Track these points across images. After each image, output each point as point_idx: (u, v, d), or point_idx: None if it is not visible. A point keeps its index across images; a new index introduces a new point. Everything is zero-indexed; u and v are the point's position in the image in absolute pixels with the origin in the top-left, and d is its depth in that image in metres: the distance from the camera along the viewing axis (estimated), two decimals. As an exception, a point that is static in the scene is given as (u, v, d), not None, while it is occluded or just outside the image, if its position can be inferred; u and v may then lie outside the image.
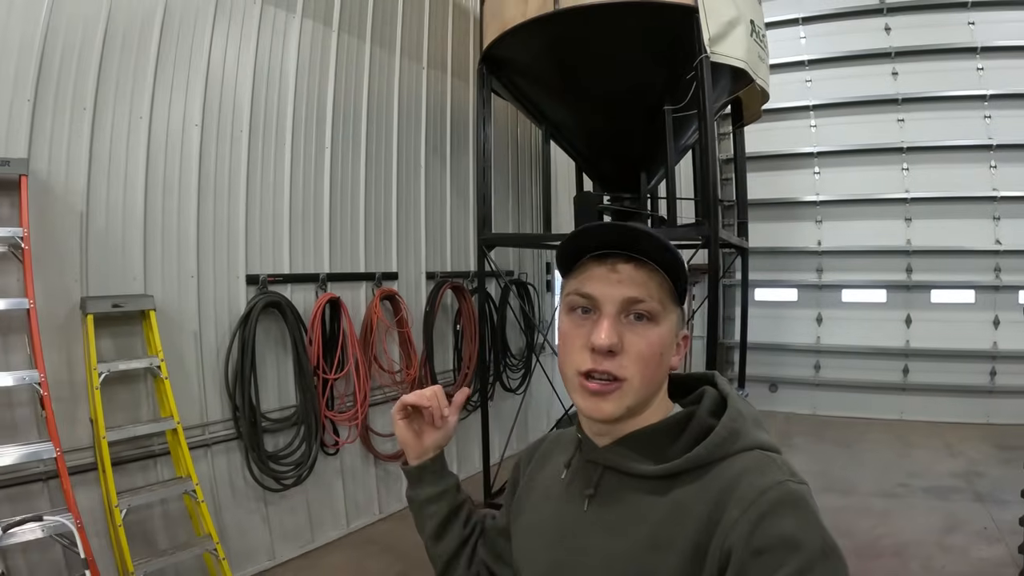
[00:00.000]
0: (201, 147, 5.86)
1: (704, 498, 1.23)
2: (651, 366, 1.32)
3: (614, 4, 6.11)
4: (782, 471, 1.22)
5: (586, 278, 1.37)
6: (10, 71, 4.70)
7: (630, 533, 1.32)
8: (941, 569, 5.86)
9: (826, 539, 1.10)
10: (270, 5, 6.41)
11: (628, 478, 1.38)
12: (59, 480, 4.72)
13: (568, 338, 1.39)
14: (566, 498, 1.52)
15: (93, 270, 5.15)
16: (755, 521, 1.12)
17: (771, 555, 1.07)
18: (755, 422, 1.37)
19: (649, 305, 1.31)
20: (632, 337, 1.31)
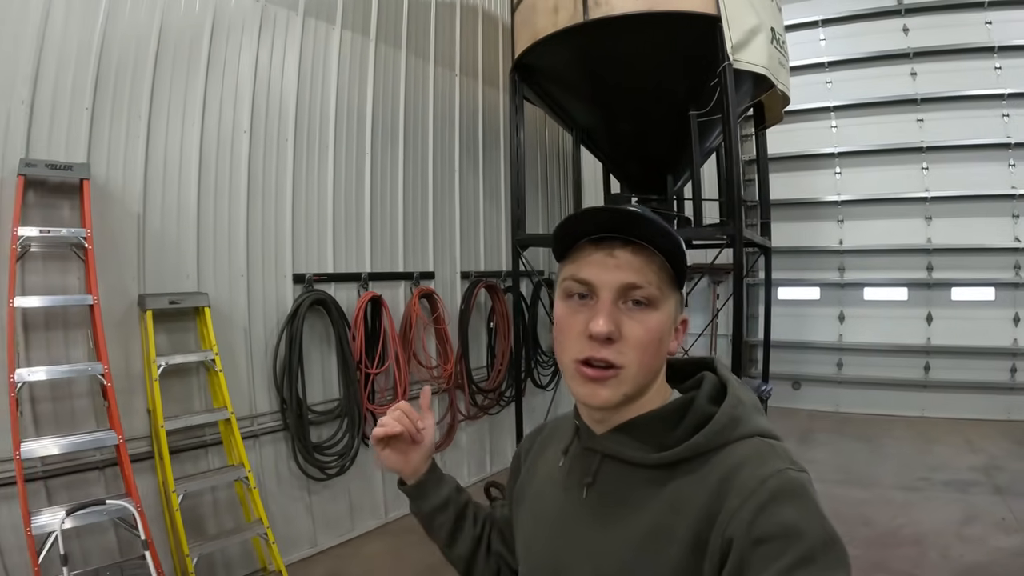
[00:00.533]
0: (250, 152, 6.15)
1: (704, 487, 1.23)
2: (649, 353, 1.31)
3: (641, 15, 6.32)
4: (782, 459, 1.22)
5: (583, 263, 1.35)
6: (68, 81, 4.95)
7: (629, 522, 1.32)
8: (959, 558, 5.95)
9: (827, 528, 1.10)
10: (311, 17, 6.70)
11: (627, 466, 1.37)
12: (114, 468, 5.03)
13: (565, 325, 1.37)
14: (564, 486, 1.51)
15: (149, 269, 5.42)
16: (756, 510, 1.12)
17: (772, 545, 1.07)
18: (755, 408, 1.36)
19: (648, 291, 1.30)
20: (630, 324, 1.30)
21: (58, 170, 4.76)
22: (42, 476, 4.74)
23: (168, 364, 5.22)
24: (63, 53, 4.95)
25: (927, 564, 5.88)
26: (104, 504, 4.56)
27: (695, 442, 1.26)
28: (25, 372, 4.49)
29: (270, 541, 5.43)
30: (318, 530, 6.54)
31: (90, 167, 4.94)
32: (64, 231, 4.78)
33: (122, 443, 4.75)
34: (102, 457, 5.04)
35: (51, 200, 4.89)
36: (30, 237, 4.61)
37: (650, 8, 6.30)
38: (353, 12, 7.20)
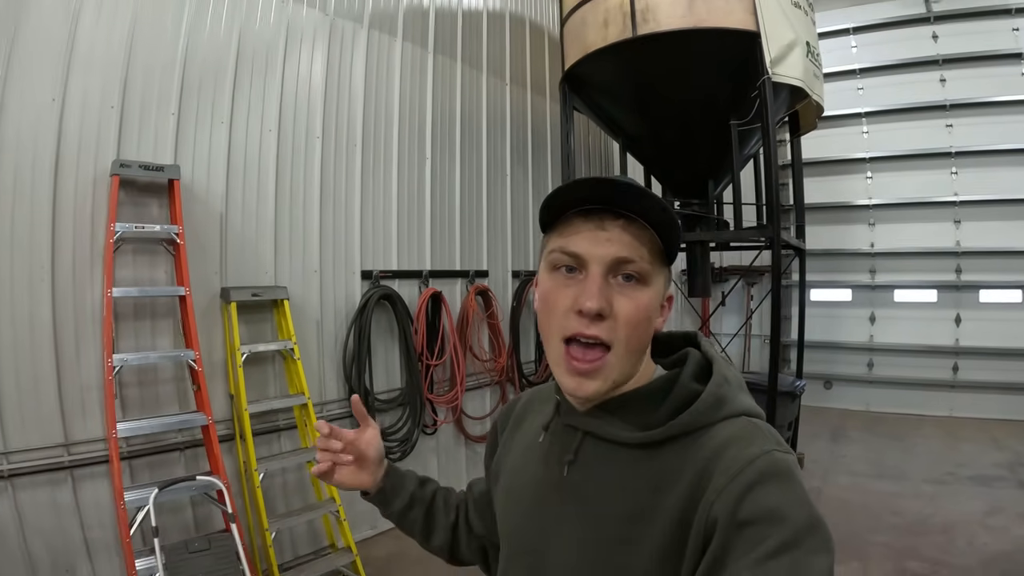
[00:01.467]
0: (322, 157, 6.50)
1: (689, 466, 1.20)
2: (639, 331, 1.27)
3: (686, 31, 6.64)
4: (768, 440, 1.19)
5: (572, 235, 1.29)
6: (155, 89, 5.28)
7: (612, 501, 1.28)
8: (984, 546, 6.17)
9: (811, 512, 1.07)
10: (375, 30, 7.07)
11: (609, 445, 1.33)
12: (194, 450, 5.36)
13: (551, 298, 1.31)
14: (544, 463, 1.47)
15: (230, 264, 5.76)
16: (741, 492, 1.09)
17: (756, 528, 1.05)
18: (740, 387, 1.34)
19: (639, 266, 1.25)
20: (621, 300, 1.25)
21: (150, 171, 5.05)
22: (127, 456, 5.03)
23: (251, 352, 5.52)
24: (150, 62, 5.25)
25: (955, 551, 6.08)
26: (195, 480, 4.87)
27: (680, 421, 1.24)
28: (122, 356, 4.79)
29: (341, 518, 5.70)
30: (378, 513, 6.83)
31: (180, 168, 5.23)
32: (158, 227, 5.08)
33: (211, 424, 5.07)
34: (183, 439, 5.34)
35: (140, 199, 5.17)
36: (126, 232, 4.87)
37: (695, 25, 6.61)
38: (413, 25, 7.55)
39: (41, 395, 4.70)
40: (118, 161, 4.92)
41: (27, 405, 4.63)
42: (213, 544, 4.74)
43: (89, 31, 4.93)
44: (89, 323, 4.90)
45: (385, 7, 7.28)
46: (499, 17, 9.07)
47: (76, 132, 4.88)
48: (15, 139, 4.58)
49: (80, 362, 4.87)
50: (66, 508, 4.77)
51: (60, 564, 4.72)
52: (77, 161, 4.88)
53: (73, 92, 4.85)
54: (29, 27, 4.63)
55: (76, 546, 4.82)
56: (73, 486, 4.80)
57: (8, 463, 4.49)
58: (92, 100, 4.94)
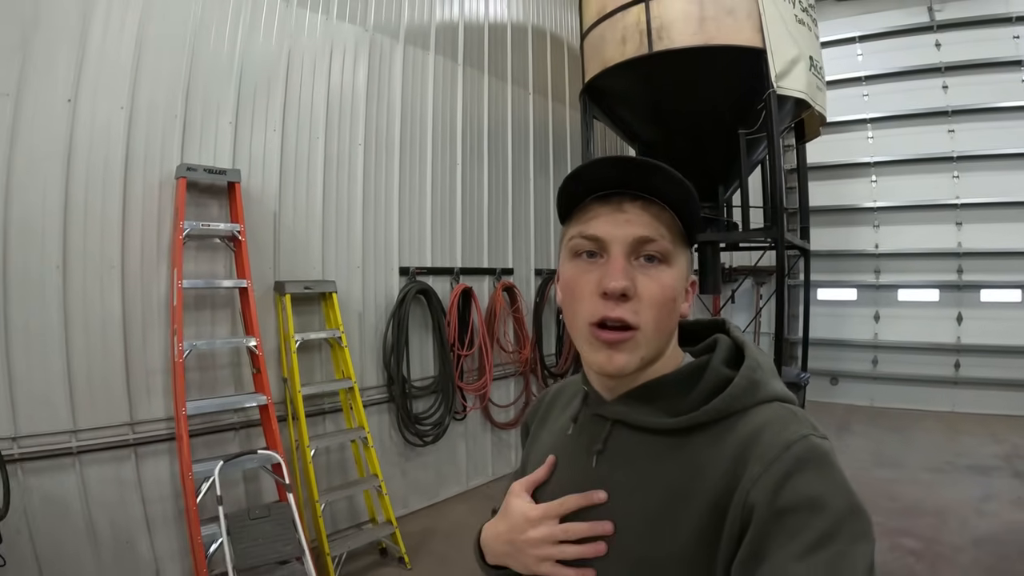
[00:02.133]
0: (364, 162, 6.91)
1: (723, 452, 1.16)
2: (665, 311, 1.24)
3: (697, 48, 6.98)
4: (804, 425, 1.15)
5: (591, 219, 1.27)
6: (215, 99, 5.68)
7: (644, 490, 1.24)
8: (975, 528, 6.46)
9: (852, 499, 1.05)
10: (410, 44, 7.47)
11: (640, 433, 1.30)
12: (247, 430, 5.75)
13: (574, 285, 1.28)
14: (573, 455, 1.42)
15: (283, 259, 6.15)
16: (779, 479, 1.06)
17: (795, 516, 1.02)
18: (772, 373, 1.29)
19: (661, 245, 1.23)
20: (645, 280, 1.22)
21: (214, 174, 5.41)
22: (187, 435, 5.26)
23: (303, 340, 5.90)
24: (209, 75, 5.66)
25: (947, 531, 6.38)
26: (256, 453, 5.26)
27: (713, 406, 1.21)
28: (192, 342, 5.14)
29: (383, 493, 6.07)
30: (409, 493, 7.22)
31: (240, 172, 5.60)
32: (222, 225, 5.43)
33: (270, 404, 5.43)
34: (237, 420, 5.71)
35: (201, 199, 5.52)
36: (193, 230, 5.20)
37: (706, 42, 6.95)
38: (444, 39, 7.94)
39: (110, 378, 5.05)
40: (184, 165, 5.28)
41: (96, 387, 4.98)
42: (272, 512, 5.07)
43: (154, 45, 5.31)
44: (155, 313, 5.26)
45: (419, 23, 7.66)
46: (522, 30, 9.44)
47: (143, 138, 5.24)
48: (88, 144, 4.94)
49: (146, 348, 5.22)
50: (129, 483, 5.12)
51: (121, 537, 5.06)
52: (144, 164, 5.24)
53: (140, 101, 5.23)
54: (96, 41, 5.00)
55: (136, 520, 5.16)
56: (136, 463, 5.15)
57: (77, 440, 4.83)
58: (157, 109, 5.32)
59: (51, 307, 4.80)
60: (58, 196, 4.83)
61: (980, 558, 5.83)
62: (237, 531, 4.83)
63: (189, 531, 4.90)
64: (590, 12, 7.99)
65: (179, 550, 5.39)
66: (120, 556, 5.07)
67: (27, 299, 4.68)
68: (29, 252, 4.70)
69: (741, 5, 6.98)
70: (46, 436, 4.69)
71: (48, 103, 4.77)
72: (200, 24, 5.61)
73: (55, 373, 4.80)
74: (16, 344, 4.63)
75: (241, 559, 4.66)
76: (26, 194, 4.68)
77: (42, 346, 4.76)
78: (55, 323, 4.80)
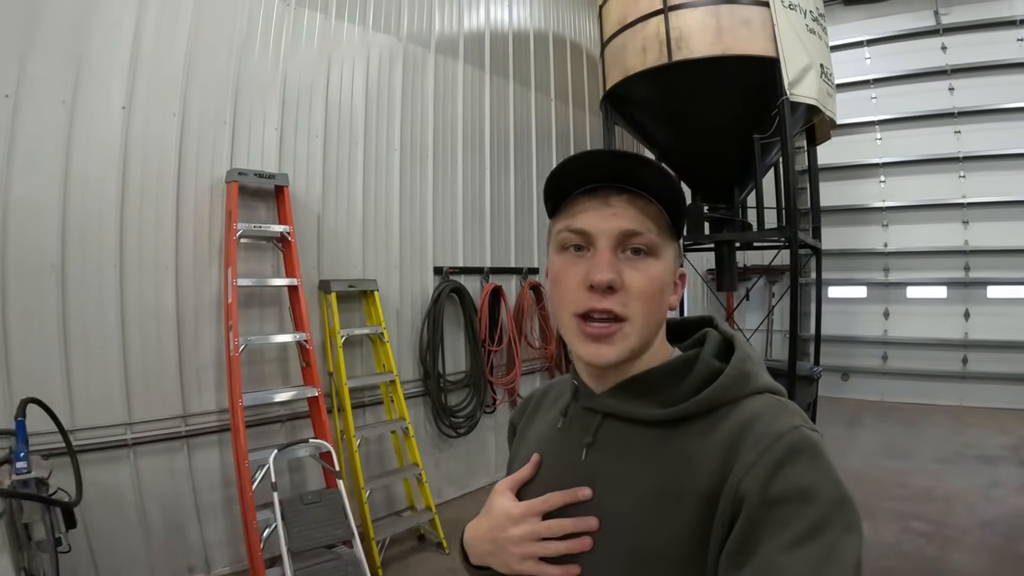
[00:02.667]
0: (400, 167, 7.17)
1: (714, 443, 1.16)
2: (653, 303, 1.24)
3: (715, 58, 7.22)
4: (795, 416, 1.15)
5: (577, 213, 1.27)
6: (261, 107, 5.95)
7: (634, 482, 1.23)
8: (982, 512, 6.70)
9: (841, 490, 1.05)
10: (441, 54, 7.75)
11: (630, 425, 1.29)
12: (293, 422, 6.01)
13: (561, 278, 1.28)
14: (561, 449, 1.41)
15: (325, 259, 6.42)
16: (771, 468, 1.06)
17: (786, 506, 1.02)
18: (761, 365, 1.30)
19: (647, 238, 1.23)
20: (631, 272, 1.23)
21: (263, 178, 5.67)
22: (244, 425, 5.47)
23: (348, 335, 6.17)
24: (255, 83, 5.93)
25: (955, 515, 6.64)
26: (307, 442, 5.49)
27: (704, 396, 1.21)
28: (247, 337, 5.35)
29: (423, 481, 6.34)
30: (442, 483, 7.45)
31: (288, 176, 5.85)
32: (273, 227, 5.68)
33: (320, 395, 5.66)
34: (283, 412, 5.97)
35: (250, 202, 5.76)
36: (246, 231, 5.45)
37: (723, 52, 7.20)
38: (471, 48, 8.20)
39: (164, 373, 5.29)
40: (235, 170, 5.54)
41: (151, 382, 5.21)
42: (323, 498, 5.26)
43: (203, 54, 5.58)
44: (207, 311, 5.52)
45: (448, 33, 7.93)
46: (543, 38, 9.70)
47: (194, 143, 5.50)
48: (142, 149, 5.18)
49: (198, 344, 5.48)
50: (180, 473, 5.37)
51: (172, 525, 5.30)
52: (196, 169, 5.50)
53: (191, 108, 5.48)
54: (148, 50, 5.24)
55: (187, 509, 5.41)
56: (188, 454, 5.41)
57: (132, 433, 5.07)
58: (207, 116, 5.59)
59: (108, 306, 5.02)
60: (114, 199, 5.06)
61: (986, 539, 6.06)
62: (291, 516, 5.02)
63: (244, 517, 5.13)
64: (610, 22, 8.22)
65: (227, 537, 5.67)
66: (170, 544, 5.30)
67: (86, 299, 4.89)
68: (87, 254, 4.91)
69: (756, 16, 7.22)
70: (103, 429, 4.91)
71: (103, 110, 5.00)
72: (246, 35, 5.87)
73: (112, 369, 5.03)
74: (75, 341, 4.84)
75: (295, 542, 4.88)
76: (83, 198, 4.89)
77: (100, 343, 4.97)
78: (112, 321, 5.03)
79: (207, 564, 5.56)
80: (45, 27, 4.68)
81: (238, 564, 5.71)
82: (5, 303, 4.51)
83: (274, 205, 5.94)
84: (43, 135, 4.70)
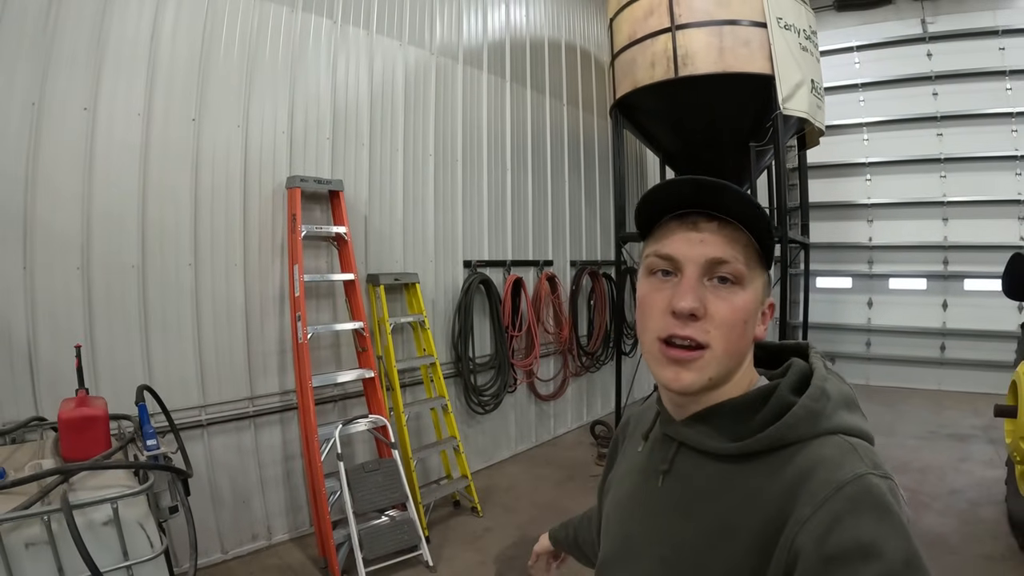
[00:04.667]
0: (434, 170, 7.77)
1: (775, 486, 1.11)
2: (736, 333, 1.20)
3: (718, 74, 7.91)
4: (863, 462, 1.08)
5: (665, 238, 1.25)
6: (314, 118, 6.46)
7: (699, 514, 1.22)
8: (952, 481, 7.39)
9: (909, 547, 0.96)
10: (467, 65, 8.36)
11: (702, 456, 1.27)
12: (344, 401, 6.55)
13: (647, 302, 1.27)
14: (644, 473, 1.42)
15: (371, 255, 6.98)
16: (829, 523, 0.99)
17: (845, 564, 0.95)
18: (843, 403, 1.22)
19: (734, 267, 1.20)
20: (716, 301, 1.20)
21: (321, 183, 6.13)
22: (295, 407, 6.15)
23: (395, 323, 6.84)
24: (308, 97, 6.42)
25: (928, 483, 7.36)
26: (367, 416, 6.13)
27: (768, 434, 1.16)
28: (313, 327, 5.93)
29: (460, 452, 7.00)
30: (470, 455, 7.88)
31: (342, 182, 6.37)
32: (332, 228, 6.22)
33: (376, 376, 6.29)
34: (335, 393, 6.51)
35: (306, 205, 6.20)
36: (309, 232, 5.95)
37: (724, 70, 7.88)
38: (493, 59, 8.80)
39: (234, 359, 5.83)
40: (297, 176, 6.01)
41: (223, 367, 5.75)
42: (382, 466, 5.93)
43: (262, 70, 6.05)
44: (270, 303, 6.08)
45: (473, 45, 8.52)
46: (556, 46, 10.28)
47: (257, 152, 5.99)
48: (211, 159, 5.68)
49: (263, 333, 6.03)
50: (247, 450, 5.91)
51: (239, 496, 5.83)
52: (259, 175, 6.00)
53: (254, 121, 5.98)
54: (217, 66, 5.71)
55: (253, 482, 5.96)
56: (254, 432, 5.96)
57: (206, 414, 5.59)
58: (267, 127, 6.08)
59: (184, 301, 5.53)
60: (188, 203, 5.54)
61: (954, 504, 6.81)
62: (355, 482, 5.65)
63: (312, 485, 5.69)
64: (621, 35, 8.90)
65: (285, 507, 6.26)
66: (238, 515, 5.86)
67: (165, 293, 5.39)
68: (166, 252, 5.40)
69: (755, 37, 7.92)
70: (180, 411, 5.33)
71: (176, 122, 5.45)
72: (298, 53, 6.37)
73: (188, 356, 5.55)
74: (155, 333, 5.33)
75: (359, 505, 5.56)
76: (161, 202, 5.36)
77: (177, 334, 5.48)
78: (188, 314, 5.55)
79: (268, 532, 6.12)
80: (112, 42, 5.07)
81: (295, 531, 6.33)
82: (91, 300, 4.96)
83: (327, 207, 6.48)
84: (120, 147, 5.13)
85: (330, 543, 5.52)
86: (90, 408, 3.25)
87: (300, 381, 5.81)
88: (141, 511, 2.80)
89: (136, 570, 2.69)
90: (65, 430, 3.14)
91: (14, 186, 4.60)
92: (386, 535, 5.76)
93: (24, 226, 4.64)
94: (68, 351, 4.19)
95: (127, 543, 2.69)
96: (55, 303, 4.80)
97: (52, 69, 4.74)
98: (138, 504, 2.80)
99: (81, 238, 4.93)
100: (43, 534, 2.49)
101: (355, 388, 6.71)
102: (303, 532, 6.37)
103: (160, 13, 5.33)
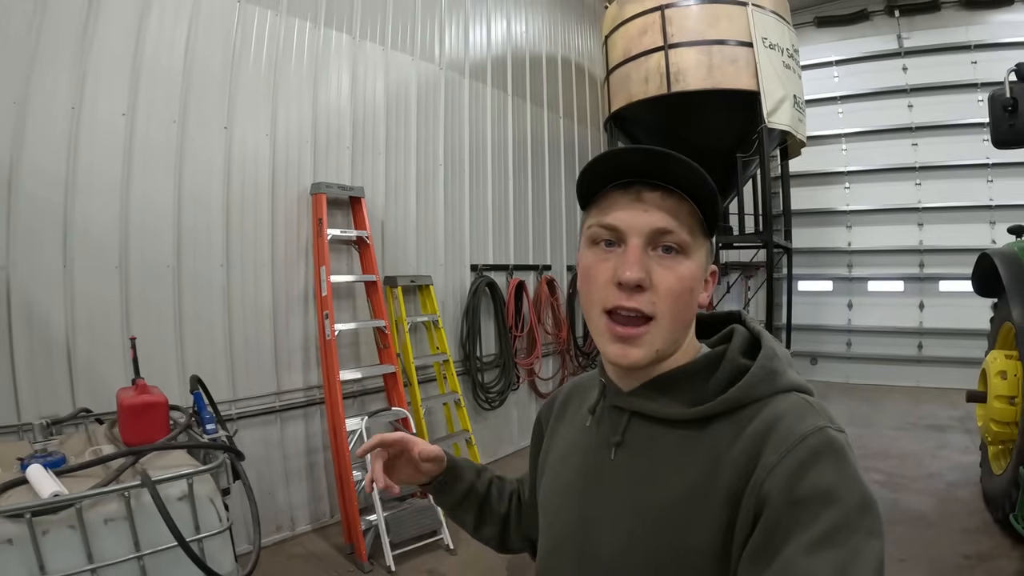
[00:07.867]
0: (444, 179, 8.13)
1: (739, 442, 1.13)
2: (681, 303, 1.19)
3: (708, 90, 8.40)
4: (821, 416, 1.13)
5: (609, 208, 1.22)
6: (335, 129, 6.73)
7: (663, 482, 1.20)
8: (929, 466, 7.77)
9: (864, 493, 1.03)
10: (474, 79, 8.75)
11: (657, 423, 1.26)
12: (362, 397, 6.77)
13: (591, 273, 1.24)
14: (591, 448, 1.39)
15: (387, 258, 7.28)
16: (794, 469, 1.03)
17: (808, 507, 0.99)
18: (789, 363, 1.25)
19: (679, 236, 1.18)
20: (661, 271, 1.18)
21: (344, 190, 6.40)
22: (317, 402, 6.40)
23: (412, 322, 7.16)
24: (330, 109, 6.68)
25: (906, 468, 7.73)
26: (390, 409, 6.44)
27: (730, 396, 1.18)
28: (339, 325, 6.13)
29: (472, 443, 7.35)
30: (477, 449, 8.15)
31: (363, 188, 6.64)
32: (354, 232, 6.49)
33: (397, 372, 6.61)
34: (355, 389, 6.71)
35: (328, 210, 6.32)
36: (334, 236, 6.16)
37: (713, 86, 8.40)
38: (496, 73, 9.19)
39: (261, 356, 6.03)
40: (321, 183, 6.29)
41: (251, 363, 5.93)
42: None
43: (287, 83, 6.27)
44: (295, 303, 6.29)
45: (478, 60, 8.90)
46: (553, 61, 10.67)
47: (284, 160, 6.23)
48: (242, 166, 5.90)
49: (289, 331, 6.24)
50: (273, 443, 6.09)
51: (264, 487, 5.90)
52: (286, 181, 6.24)
53: (280, 130, 6.20)
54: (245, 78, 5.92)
55: (277, 473, 6.13)
56: (280, 426, 6.15)
57: (235, 408, 5.74)
58: (292, 136, 6.32)
59: (216, 299, 5.73)
60: (220, 207, 5.75)
61: (932, 485, 7.24)
62: None
63: (340, 475, 5.90)
64: (616, 52, 9.41)
65: (308, 499, 6.43)
66: (263, 506, 5.52)
67: (198, 293, 5.57)
68: (198, 254, 5.59)
69: (741, 55, 8.46)
70: None
71: (208, 130, 5.66)
72: (319, 67, 6.65)
73: (219, 353, 5.73)
74: (189, 330, 5.51)
75: (384, 493, 5.74)
76: (195, 205, 5.55)
77: (209, 331, 5.67)
78: (219, 312, 5.75)
79: (292, 523, 6.31)
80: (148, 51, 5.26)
81: (317, 522, 6.52)
82: (129, 298, 5.12)
83: (348, 213, 6.74)
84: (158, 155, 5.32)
85: (358, 529, 5.73)
86: (152, 395, 3.40)
87: (328, 376, 6.02)
88: (211, 487, 2.91)
89: (206, 543, 2.81)
90: (127, 416, 3.25)
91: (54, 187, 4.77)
92: (409, 520, 6.02)
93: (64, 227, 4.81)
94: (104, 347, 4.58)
95: (199, 517, 2.79)
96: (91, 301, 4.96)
97: (90, 79, 4.94)
98: (207, 481, 2.91)
99: (119, 238, 5.11)
100: (121, 510, 2.58)
101: (373, 384, 6.95)
102: (324, 523, 6.56)
103: (193, 27, 5.57)
